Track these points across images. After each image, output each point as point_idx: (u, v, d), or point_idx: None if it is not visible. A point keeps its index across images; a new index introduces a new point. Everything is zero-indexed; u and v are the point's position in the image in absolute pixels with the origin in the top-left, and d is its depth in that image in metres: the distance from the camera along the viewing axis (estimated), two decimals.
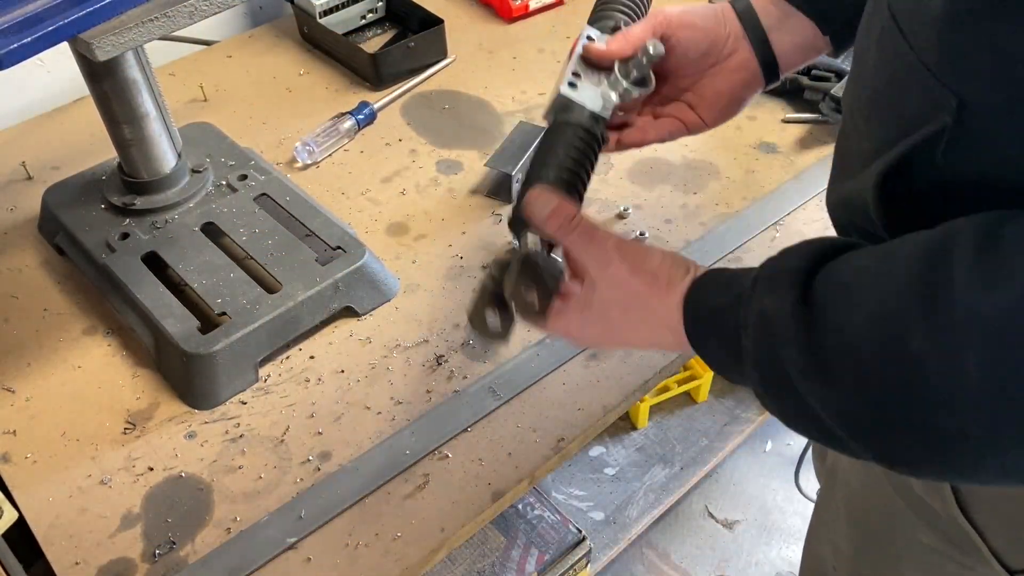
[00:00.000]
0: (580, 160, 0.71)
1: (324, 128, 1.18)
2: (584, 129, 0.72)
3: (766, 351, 0.51)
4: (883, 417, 0.47)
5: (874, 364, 0.46)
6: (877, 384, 0.46)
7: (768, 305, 0.52)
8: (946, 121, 0.48)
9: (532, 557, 1.37)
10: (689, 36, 0.75)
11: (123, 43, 0.77)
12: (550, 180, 0.69)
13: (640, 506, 1.57)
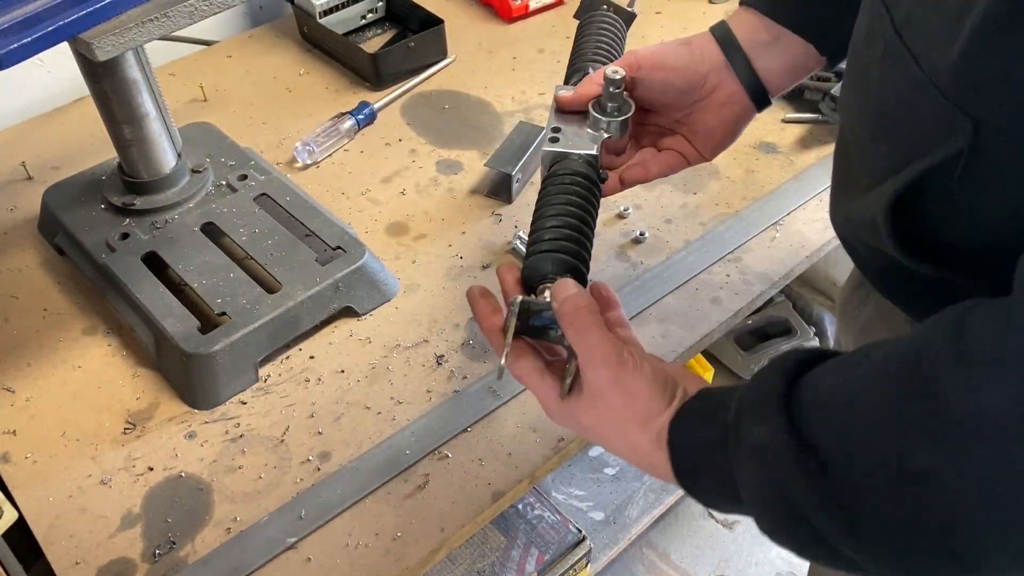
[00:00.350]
0: (580, 207, 0.71)
1: (324, 128, 1.18)
2: (576, 174, 0.72)
3: (774, 489, 0.48)
4: (906, 541, 0.44)
5: (878, 484, 0.43)
6: (892, 509, 0.43)
7: (760, 438, 0.48)
8: (961, 145, 0.47)
9: (532, 557, 1.37)
10: (662, 77, 0.74)
11: (123, 43, 0.77)
12: (554, 235, 0.68)
13: (640, 506, 1.57)
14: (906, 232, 0.53)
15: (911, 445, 0.42)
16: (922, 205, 0.51)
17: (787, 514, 0.47)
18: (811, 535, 0.47)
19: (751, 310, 1.01)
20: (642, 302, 0.98)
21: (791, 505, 0.47)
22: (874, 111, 0.56)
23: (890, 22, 0.52)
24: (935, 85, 0.47)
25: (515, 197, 1.11)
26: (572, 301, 0.60)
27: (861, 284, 0.86)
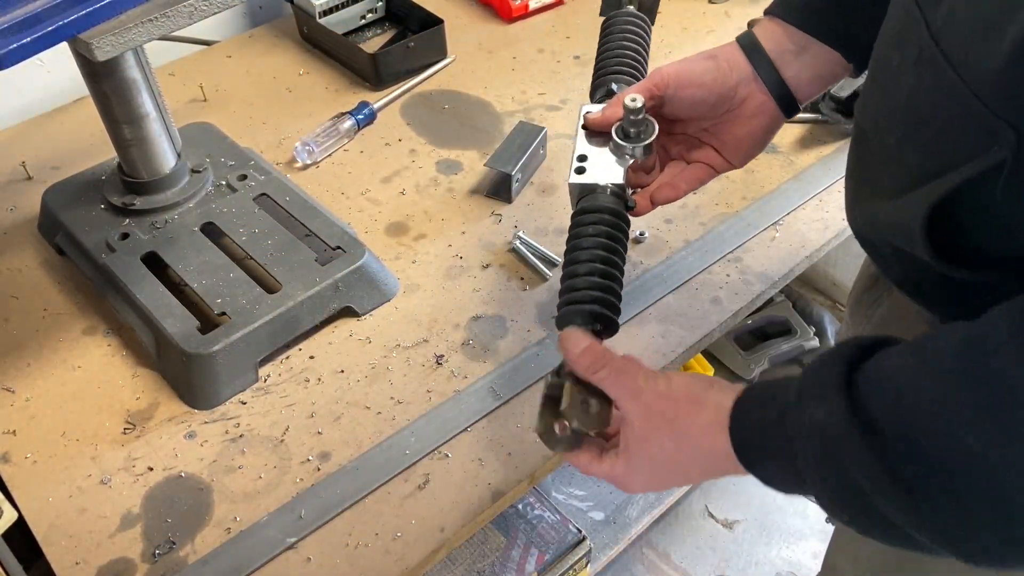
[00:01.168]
0: (610, 249, 0.72)
1: (324, 128, 1.18)
2: (604, 211, 0.73)
3: (832, 466, 0.49)
4: (965, 519, 0.45)
5: (941, 467, 0.44)
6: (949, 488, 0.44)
7: (820, 416, 0.50)
8: (1004, 156, 0.46)
9: (532, 557, 1.37)
10: (691, 94, 0.74)
11: (123, 43, 0.77)
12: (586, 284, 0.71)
13: (640, 506, 1.57)
14: (942, 238, 0.53)
15: (973, 430, 0.43)
16: (959, 212, 0.51)
17: (845, 490, 0.49)
18: (868, 511, 0.48)
19: (751, 310, 1.01)
20: (642, 302, 0.98)
21: (849, 481, 0.48)
22: (904, 116, 0.55)
23: (926, 27, 0.51)
24: (975, 94, 0.47)
25: (515, 197, 1.11)
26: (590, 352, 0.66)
27: (874, 284, 0.86)
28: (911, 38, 0.53)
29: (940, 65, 0.50)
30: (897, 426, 0.46)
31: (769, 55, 0.74)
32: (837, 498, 0.50)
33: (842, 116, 1.17)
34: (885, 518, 0.48)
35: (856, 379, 0.50)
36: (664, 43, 1.36)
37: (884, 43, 0.60)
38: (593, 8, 1.44)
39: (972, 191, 0.49)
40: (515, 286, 1.00)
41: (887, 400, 0.47)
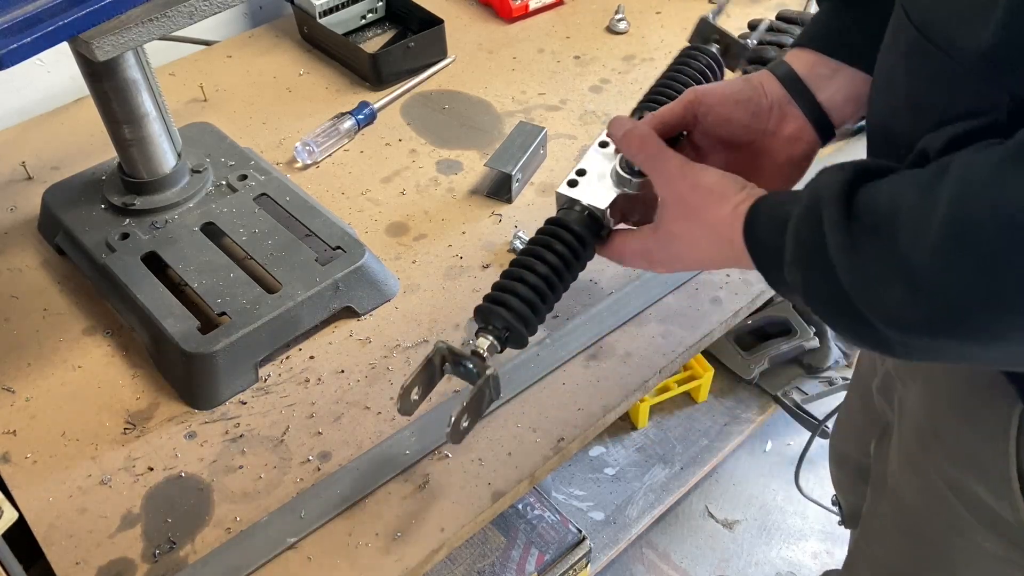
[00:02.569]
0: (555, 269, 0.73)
1: (324, 128, 1.18)
2: (570, 230, 0.73)
3: (810, 213, 0.55)
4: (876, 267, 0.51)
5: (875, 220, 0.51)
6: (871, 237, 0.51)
7: (822, 180, 0.55)
8: (999, 117, 0.51)
9: (532, 557, 1.37)
10: (726, 112, 0.74)
11: (123, 43, 0.77)
12: (516, 291, 0.72)
13: (640, 506, 1.57)
14: None
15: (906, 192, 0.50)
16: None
17: (811, 237, 0.54)
18: (821, 259, 0.53)
19: (751, 310, 1.01)
20: (642, 302, 0.98)
21: (817, 227, 0.53)
22: (907, 104, 0.59)
23: (909, 22, 0.56)
24: (968, 70, 0.52)
25: (515, 197, 1.11)
26: (634, 134, 0.70)
27: None
28: (900, 36, 0.58)
29: (929, 51, 0.54)
30: (867, 200, 0.52)
31: (802, 79, 0.75)
32: (802, 251, 0.55)
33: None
34: (833, 274, 0.53)
35: (863, 180, 0.55)
36: (664, 43, 1.36)
37: (884, 52, 0.63)
38: (593, 8, 1.45)
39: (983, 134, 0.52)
40: None
41: (873, 185, 0.53)
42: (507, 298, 0.72)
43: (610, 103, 1.26)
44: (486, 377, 0.72)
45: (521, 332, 0.72)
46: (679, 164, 0.67)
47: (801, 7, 1.40)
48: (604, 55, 1.35)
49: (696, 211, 0.66)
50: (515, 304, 0.72)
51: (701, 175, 0.66)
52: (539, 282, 0.72)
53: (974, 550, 0.74)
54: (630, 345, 0.95)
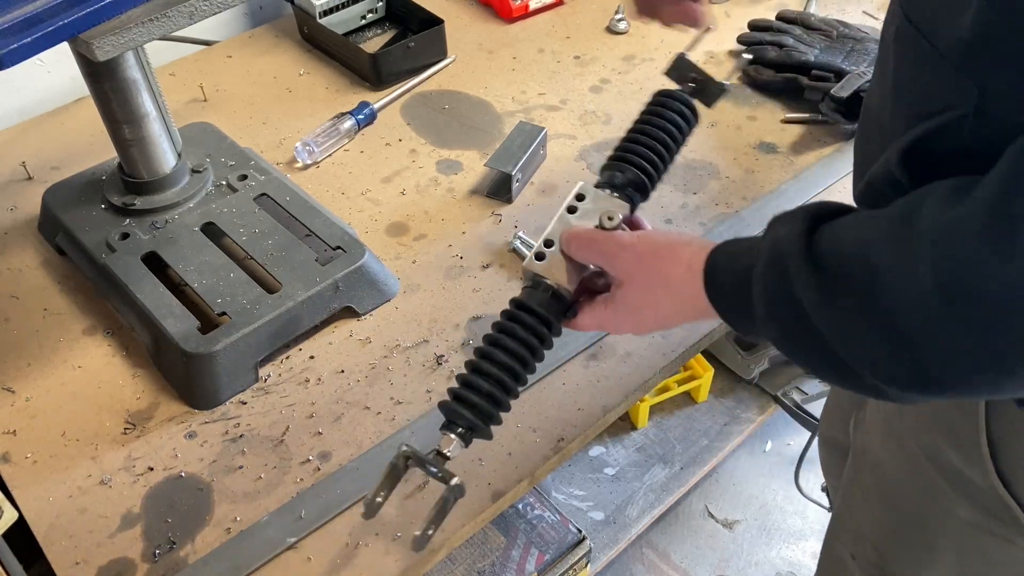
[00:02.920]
0: (519, 359, 0.71)
1: (324, 128, 1.18)
2: (534, 314, 0.71)
3: (775, 268, 0.55)
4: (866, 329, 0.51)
5: (849, 277, 0.51)
6: (847, 295, 0.51)
7: (780, 232, 0.56)
8: (967, 109, 0.53)
9: (532, 557, 1.37)
10: None
11: (123, 43, 0.77)
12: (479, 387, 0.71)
13: (640, 506, 1.57)
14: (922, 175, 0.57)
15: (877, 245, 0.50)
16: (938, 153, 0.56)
17: (782, 299, 0.55)
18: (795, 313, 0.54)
19: None
20: None
21: (787, 290, 0.54)
22: (891, 89, 0.62)
23: (900, 8, 0.58)
24: (944, 56, 0.54)
25: (515, 197, 1.11)
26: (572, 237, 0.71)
27: None
28: (892, 20, 0.61)
29: (914, 36, 0.56)
30: (831, 251, 0.53)
31: None
32: (774, 306, 0.56)
33: (842, 116, 1.17)
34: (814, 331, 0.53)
35: (818, 224, 0.56)
36: (664, 43, 1.36)
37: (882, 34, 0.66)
38: (593, 8, 1.45)
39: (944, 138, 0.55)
40: (515, 286, 1.00)
41: (833, 232, 0.54)
42: (468, 395, 0.71)
43: (610, 103, 1.26)
44: (450, 487, 0.71)
45: (484, 429, 0.71)
46: (617, 242, 0.68)
47: (801, 7, 1.40)
48: (604, 55, 1.35)
49: (649, 277, 0.66)
50: (476, 401, 0.70)
51: (642, 243, 0.67)
52: (501, 374, 0.71)
53: (949, 517, 0.76)
54: (630, 345, 0.95)
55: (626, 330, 0.72)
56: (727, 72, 1.31)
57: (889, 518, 0.84)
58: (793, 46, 1.25)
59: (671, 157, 0.80)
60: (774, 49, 1.26)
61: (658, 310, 0.67)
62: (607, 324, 0.71)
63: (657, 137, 0.78)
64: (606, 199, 0.75)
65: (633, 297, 0.68)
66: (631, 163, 0.77)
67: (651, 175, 0.77)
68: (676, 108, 0.80)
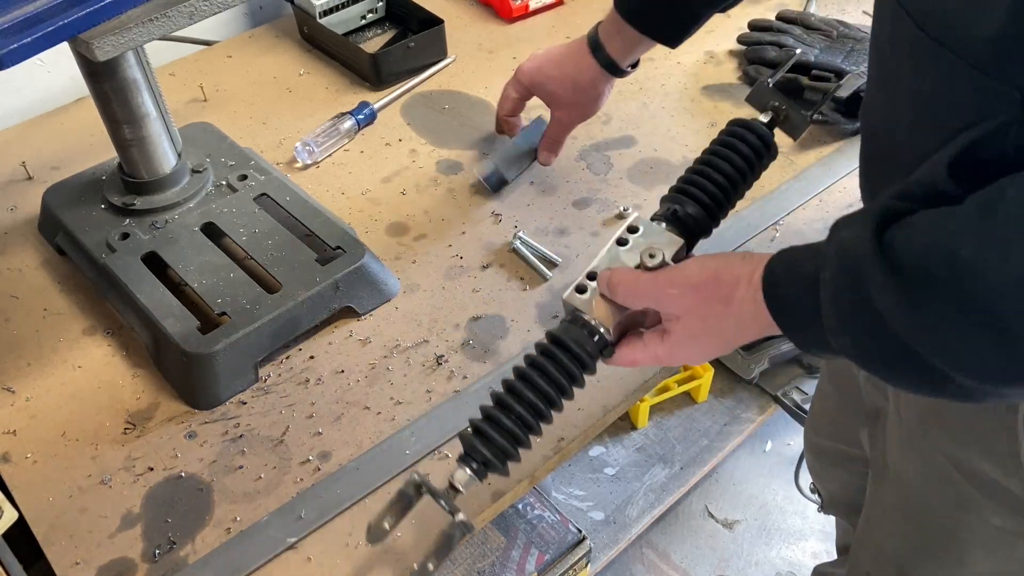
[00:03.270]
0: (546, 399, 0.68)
1: (324, 128, 1.18)
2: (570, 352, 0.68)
3: (850, 281, 0.52)
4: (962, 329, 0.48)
5: (943, 280, 0.48)
6: (938, 296, 0.48)
7: (847, 236, 0.53)
8: (1014, 114, 0.50)
9: (532, 557, 1.37)
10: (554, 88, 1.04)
11: (123, 43, 0.77)
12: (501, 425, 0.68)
13: (640, 506, 1.57)
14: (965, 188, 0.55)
15: (964, 239, 0.47)
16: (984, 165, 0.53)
17: (857, 307, 0.52)
18: (872, 321, 0.51)
19: None
20: None
21: (862, 297, 0.51)
22: (909, 105, 0.59)
23: (912, 21, 0.54)
24: (974, 66, 0.51)
25: (511, 180, 1.11)
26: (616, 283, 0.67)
27: None
28: (902, 36, 0.57)
29: (932, 48, 0.53)
30: (910, 251, 0.50)
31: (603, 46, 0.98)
32: (847, 317, 0.53)
33: (842, 116, 1.17)
34: (893, 337, 0.50)
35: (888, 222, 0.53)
36: None
37: (879, 49, 0.63)
38: (593, 8, 1.44)
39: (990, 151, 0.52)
40: (515, 286, 1.00)
41: (907, 232, 0.51)
42: (488, 430, 0.67)
43: (610, 103, 1.26)
44: (457, 523, 0.68)
45: (501, 468, 0.68)
46: (667, 280, 0.65)
47: (801, 7, 1.40)
48: None
49: (709, 304, 0.63)
50: (496, 438, 0.67)
51: (695, 272, 0.64)
52: (525, 412, 0.68)
53: (981, 526, 0.75)
54: None
55: (686, 362, 0.69)
56: (728, 72, 1.31)
57: (914, 533, 0.83)
58: (793, 46, 1.25)
59: (739, 193, 0.76)
60: (774, 49, 1.26)
61: (722, 335, 0.64)
62: (664, 359, 0.68)
63: (725, 171, 0.74)
64: (660, 233, 0.70)
65: (693, 327, 0.64)
66: (693, 196, 0.72)
67: (713, 212, 0.73)
68: (749, 140, 0.75)
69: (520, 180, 1.13)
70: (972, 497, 0.74)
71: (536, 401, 0.68)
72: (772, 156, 0.78)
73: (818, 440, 1.13)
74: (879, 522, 0.89)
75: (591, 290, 0.69)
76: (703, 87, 1.28)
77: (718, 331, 0.64)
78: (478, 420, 0.69)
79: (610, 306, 0.68)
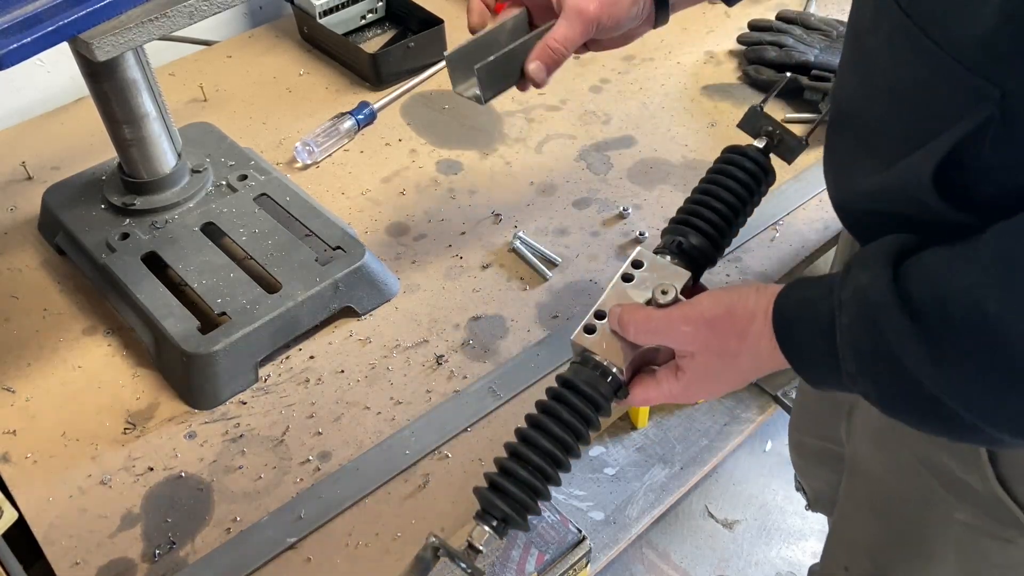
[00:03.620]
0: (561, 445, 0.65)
1: (324, 128, 1.18)
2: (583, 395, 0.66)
3: (868, 328, 0.51)
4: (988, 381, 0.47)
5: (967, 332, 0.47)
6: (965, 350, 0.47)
7: (864, 281, 0.52)
8: (992, 112, 0.49)
9: (532, 557, 1.37)
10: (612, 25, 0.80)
11: (123, 43, 0.77)
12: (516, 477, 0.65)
13: (640, 506, 1.57)
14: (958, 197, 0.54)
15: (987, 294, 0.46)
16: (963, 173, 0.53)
17: (877, 354, 0.51)
18: (897, 376, 0.50)
19: None
20: None
21: (882, 345, 0.50)
22: (884, 92, 0.57)
23: (896, 5, 0.53)
24: (956, 59, 0.49)
25: None
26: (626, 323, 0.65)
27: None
28: (883, 19, 0.55)
29: (916, 37, 0.51)
30: (931, 300, 0.49)
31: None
32: (868, 364, 0.52)
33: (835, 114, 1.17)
34: (916, 384, 0.49)
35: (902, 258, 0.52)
36: (664, 43, 1.36)
37: (857, 31, 0.62)
38: None
39: (970, 153, 0.51)
40: (515, 286, 1.00)
41: (925, 277, 0.50)
42: (505, 484, 0.65)
43: (610, 103, 1.26)
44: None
45: (521, 522, 0.66)
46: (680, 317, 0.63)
47: (801, 7, 1.40)
48: (604, 55, 1.35)
49: (724, 341, 0.61)
50: (514, 492, 0.64)
51: (708, 307, 0.62)
52: (542, 462, 0.65)
53: (948, 522, 0.75)
54: None
55: (702, 398, 0.68)
56: (727, 72, 1.31)
57: (884, 528, 0.84)
58: (793, 46, 1.25)
59: (740, 221, 0.75)
60: (774, 49, 1.26)
61: (737, 371, 0.62)
62: (680, 397, 0.66)
63: (726, 199, 0.73)
64: (666, 266, 0.69)
65: (709, 364, 0.63)
66: (696, 228, 0.72)
67: (717, 242, 0.72)
68: (747, 167, 0.75)
69: (520, 180, 1.13)
70: (938, 492, 0.74)
71: (552, 449, 0.65)
72: (770, 182, 0.77)
73: (801, 438, 1.13)
74: (852, 515, 0.89)
75: (600, 329, 0.67)
76: (703, 87, 1.28)
77: (734, 367, 0.62)
78: (494, 474, 0.66)
79: (621, 344, 0.66)
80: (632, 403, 0.69)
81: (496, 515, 0.65)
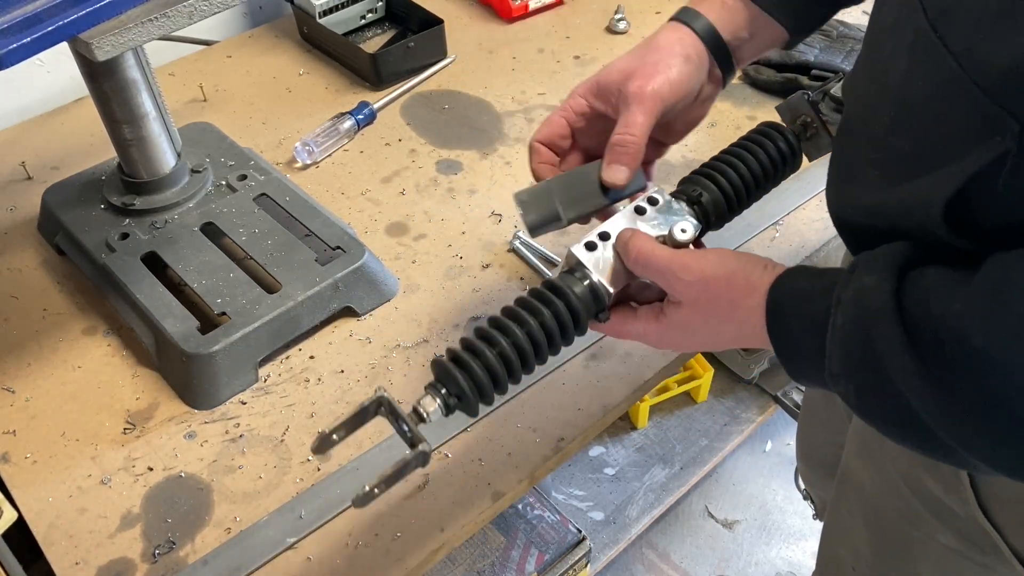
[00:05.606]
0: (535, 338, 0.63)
1: (324, 128, 1.18)
2: (568, 305, 0.64)
3: (860, 326, 0.50)
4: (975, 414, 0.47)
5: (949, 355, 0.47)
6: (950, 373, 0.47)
7: (868, 284, 0.51)
8: (1008, 146, 0.46)
9: (532, 557, 1.37)
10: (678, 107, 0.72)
11: (123, 43, 0.77)
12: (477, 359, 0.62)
13: (640, 506, 1.57)
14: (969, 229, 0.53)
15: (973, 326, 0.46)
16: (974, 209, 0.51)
17: (865, 361, 0.50)
18: (879, 378, 0.50)
19: None
20: None
21: (873, 352, 0.50)
22: (894, 103, 0.55)
23: (923, 13, 0.50)
24: (975, 83, 0.47)
25: None
26: (632, 248, 0.64)
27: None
28: (907, 24, 0.53)
29: (937, 52, 0.49)
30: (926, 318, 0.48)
31: (727, 44, 0.73)
32: (854, 367, 0.52)
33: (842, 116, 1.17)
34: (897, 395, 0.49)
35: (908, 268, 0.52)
36: None
37: (877, 28, 0.60)
38: (593, 8, 1.44)
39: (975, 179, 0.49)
40: (515, 286, 1.00)
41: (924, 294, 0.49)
42: (468, 361, 0.62)
43: None
44: (417, 453, 0.60)
45: (472, 403, 0.63)
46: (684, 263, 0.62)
47: None
48: (604, 55, 1.35)
49: (715, 303, 0.61)
50: (476, 371, 0.62)
51: (712, 265, 0.61)
52: (511, 352, 0.63)
53: (930, 543, 0.75)
54: (630, 345, 0.95)
55: (670, 347, 0.67)
56: None
57: (873, 539, 0.83)
58: None
59: (757, 195, 0.74)
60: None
61: (717, 336, 0.62)
62: (651, 338, 0.66)
63: (752, 166, 0.72)
64: (679, 212, 0.68)
65: (693, 320, 0.62)
66: (718, 184, 0.71)
67: (733, 206, 0.72)
68: (779, 146, 0.74)
69: (520, 180, 1.12)
70: (921, 514, 0.73)
71: (524, 345, 0.63)
72: (794, 167, 0.76)
73: (809, 449, 1.13)
74: (840, 527, 0.89)
75: (600, 249, 0.66)
76: None
77: (715, 330, 0.62)
78: (458, 349, 0.63)
79: (617, 270, 0.65)
80: (607, 329, 0.67)
81: (452, 389, 0.62)
